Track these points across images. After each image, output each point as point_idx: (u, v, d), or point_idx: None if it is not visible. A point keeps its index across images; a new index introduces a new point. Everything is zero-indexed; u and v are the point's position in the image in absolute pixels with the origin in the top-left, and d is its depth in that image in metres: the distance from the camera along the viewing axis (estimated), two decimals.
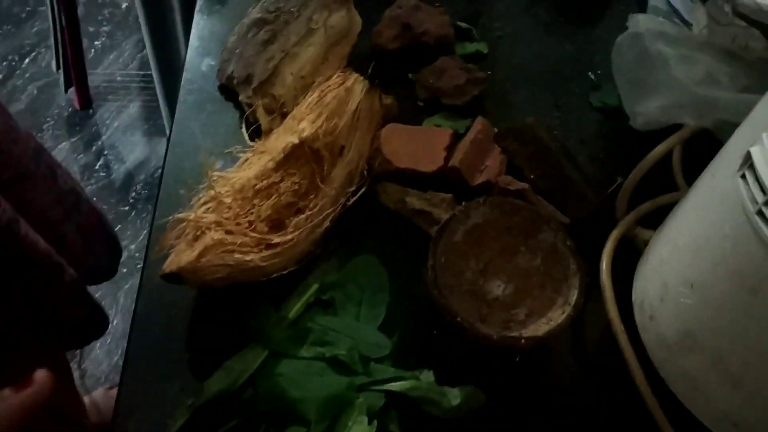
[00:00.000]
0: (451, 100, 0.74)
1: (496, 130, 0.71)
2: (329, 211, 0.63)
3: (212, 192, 0.59)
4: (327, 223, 0.62)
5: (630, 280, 0.62)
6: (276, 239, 0.59)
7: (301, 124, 0.64)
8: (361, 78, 0.67)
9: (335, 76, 0.68)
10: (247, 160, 0.64)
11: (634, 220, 0.64)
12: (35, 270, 0.72)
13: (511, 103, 0.78)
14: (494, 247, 0.61)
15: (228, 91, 0.75)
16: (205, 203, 0.59)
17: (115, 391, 1.39)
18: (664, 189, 0.68)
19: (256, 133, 0.70)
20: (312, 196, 0.62)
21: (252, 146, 0.66)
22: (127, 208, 1.69)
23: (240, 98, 0.72)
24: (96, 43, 1.98)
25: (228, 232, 0.57)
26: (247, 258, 0.56)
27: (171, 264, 0.54)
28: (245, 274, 0.57)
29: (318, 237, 0.62)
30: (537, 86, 0.80)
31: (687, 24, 0.67)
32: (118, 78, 1.91)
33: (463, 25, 0.82)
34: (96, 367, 1.47)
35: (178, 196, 0.62)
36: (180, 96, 0.75)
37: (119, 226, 1.67)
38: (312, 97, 0.66)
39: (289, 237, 0.60)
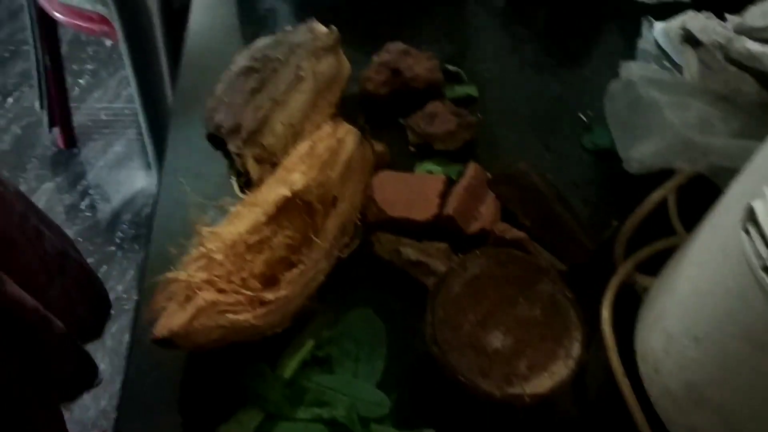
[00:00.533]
0: (443, 145, 0.73)
1: (489, 175, 0.71)
2: (323, 264, 0.61)
3: (203, 249, 0.57)
4: (321, 277, 0.61)
5: (630, 325, 0.61)
6: (269, 296, 0.57)
7: (292, 176, 0.63)
8: (353, 129, 0.66)
9: (326, 125, 0.67)
10: (237, 213, 0.63)
11: (633, 266, 0.63)
12: (22, 326, 0.70)
13: (503, 146, 0.77)
14: (492, 298, 0.60)
15: (216, 139, 0.74)
16: (195, 260, 0.58)
17: None
18: (660, 233, 0.67)
19: (246, 184, 0.69)
20: (305, 250, 0.61)
21: (242, 198, 0.65)
22: (113, 248, 1.67)
23: (229, 148, 0.71)
24: (80, 81, 1.97)
25: (220, 291, 0.56)
26: (241, 317, 0.54)
27: (162, 328, 0.52)
28: (239, 334, 0.55)
29: (312, 291, 0.61)
30: (528, 129, 0.79)
31: (677, 67, 0.67)
32: (103, 116, 1.90)
33: (452, 68, 0.82)
34: (83, 412, 1.44)
35: (168, 252, 0.61)
36: (168, 146, 0.74)
37: (105, 266, 1.64)
38: (303, 148, 0.65)
39: (283, 293, 0.58)
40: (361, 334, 0.60)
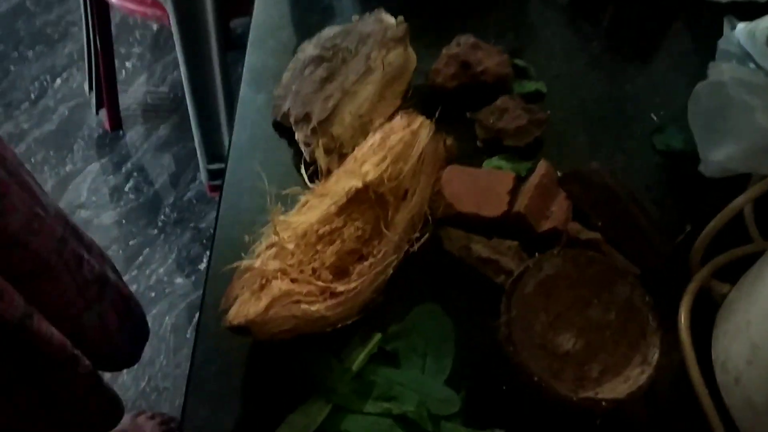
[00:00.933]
0: (512, 141, 0.72)
1: (559, 173, 0.69)
2: (392, 258, 0.61)
3: (275, 237, 0.57)
4: (390, 271, 0.60)
5: (702, 331, 0.60)
6: (341, 287, 0.57)
7: (363, 167, 0.62)
8: (428, 121, 0.65)
9: (399, 117, 0.66)
10: (306, 203, 0.63)
11: (710, 273, 0.61)
12: (49, 364, 0.70)
13: (571, 144, 0.75)
14: (565, 299, 0.59)
15: (282, 128, 0.74)
16: (267, 249, 0.57)
17: (142, 418, 1.37)
18: (735, 239, 0.66)
19: (314, 174, 0.68)
20: (375, 242, 0.61)
21: (311, 188, 0.64)
22: (155, 231, 1.68)
23: (297, 137, 0.71)
24: (127, 64, 1.98)
25: (293, 281, 0.55)
26: (313, 308, 0.54)
27: (238, 316, 0.52)
28: (310, 324, 0.55)
29: (381, 285, 0.60)
30: (596, 127, 0.77)
31: (761, 69, 0.65)
32: (149, 100, 1.91)
33: (521, 63, 0.81)
34: (123, 393, 1.45)
35: (235, 239, 0.60)
36: (234, 133, 0.73)
37: (147, 249, 1.65)
38: (374, 139, 0.65)
39: (353, 285, 0.57)
40: (428, 329, 0.60)
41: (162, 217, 1.71)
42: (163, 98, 1.91)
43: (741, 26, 0.69)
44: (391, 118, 0.70)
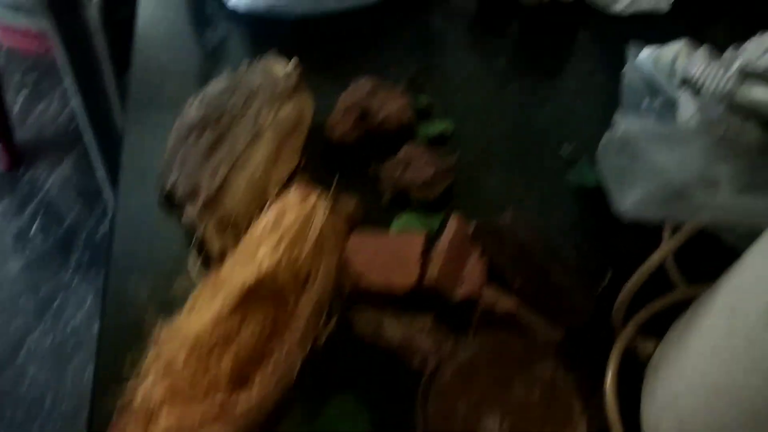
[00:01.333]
0: (420, 195, 0.67)
1: (472, 224, 0.65)
2: (298, 352, 0.55)
3: (160, 353, 0.51)
4: (296, 369, 0.55)
5: (628, 392, 0.57)
6: (241, 399, 0.51)
7: (259, 252, 0.57)
8: (322, 197, 0.60)
9: (293, 191, 0.60)
10: (198, 299, 0.56)
11: (634, 331, 0.58)
12: None
13: (483, 189, 0.71)
14: (485, 380, 0.55)
15: (171, 203, 0.67)
16: (153, 364, 0.51)
17: None
18: (658, 286, 0.63)
19: (208, 258, 0.62)
20: (276, 339, 0.55)
21: (202, 278, 0.58)
22: (69, 274, 1.58)
23: (185, 215, 0.64)
24: (20, 95, 1.84)
25: (184, 402, 0.49)
26: None
27: None
28: None
29: (288, 385, 0.54)
30: (508, 167, 0.73)
31: (670, 102, 0.62)
32: (48, 132, 1.79)
33: (424, 101, 0.76)
34: None
35: (120, 360, 0.54)
36: (116, 220, 0.66)
37: (62, 293, 1.55)
38: (268, 218, 0.59)
39: (255, 393, 0.52)
40: (343, 429, 0.55)
41: (74, 258, 1.60)
42: (63, 129, 1.79)
43: (645, 53, 0.65)
44: (290, 178, 0.65)
